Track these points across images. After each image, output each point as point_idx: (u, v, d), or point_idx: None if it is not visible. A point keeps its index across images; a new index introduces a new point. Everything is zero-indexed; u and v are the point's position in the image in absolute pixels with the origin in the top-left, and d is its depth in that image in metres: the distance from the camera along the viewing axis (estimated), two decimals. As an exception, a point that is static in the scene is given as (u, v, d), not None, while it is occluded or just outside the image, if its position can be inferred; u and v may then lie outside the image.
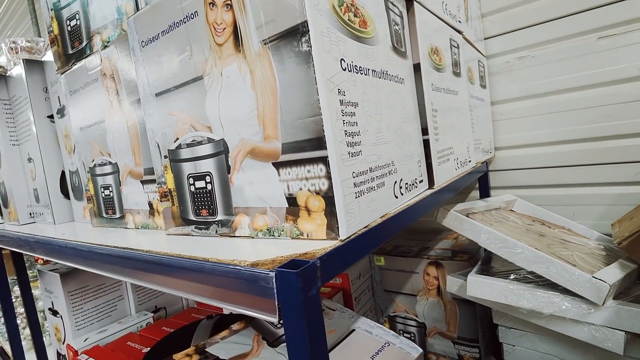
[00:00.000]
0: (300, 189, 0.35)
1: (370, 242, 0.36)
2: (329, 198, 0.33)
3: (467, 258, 0.88)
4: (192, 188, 0.45)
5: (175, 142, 0.46)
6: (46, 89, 0.80)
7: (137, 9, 0.51)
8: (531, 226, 0.77)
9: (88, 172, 0.67)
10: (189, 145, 0.45)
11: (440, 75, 0.62)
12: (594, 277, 0.54)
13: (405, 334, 0.99)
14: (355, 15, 0.39)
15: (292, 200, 0.36)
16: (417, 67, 0.55)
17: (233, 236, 0.42)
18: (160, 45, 0.44)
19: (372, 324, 0.59)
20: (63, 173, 0.82)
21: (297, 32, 0.32)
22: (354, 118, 0.36)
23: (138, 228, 0.59)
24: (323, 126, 0.32)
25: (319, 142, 0.33)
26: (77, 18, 0.61)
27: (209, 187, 0.43)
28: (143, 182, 0.56)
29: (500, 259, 0.73)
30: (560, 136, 0.95)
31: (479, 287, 0.64)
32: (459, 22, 0.77)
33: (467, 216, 0.71)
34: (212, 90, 0.41)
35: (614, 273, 0.56)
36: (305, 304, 0.27)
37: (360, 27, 0.40)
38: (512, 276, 0.63)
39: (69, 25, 0.63)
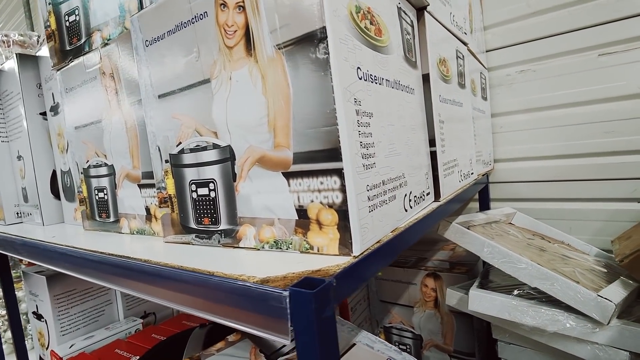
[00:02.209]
0: (312, 201, 0.34)
1: (382, 258, 0.35)
2: (342, 212, 0.32)
3: (465, 270, 0.87)
4: (194, 195, 0.43)
5: (177, 146, 0.44)
6: (40, 85, 0.78)
7: (141, 6, 0.49)
8: (532, 240, 0.77)
9: (81, 173, 0.64)
10: (192, 150, 0.43)
11: (447, 86, 0.62)
12: (599, 295, 0.53)
13: (400, 346, 0.97)
14: (371, 23, 0.38)
15: (302, 212, 0.35)
16: (425, 78, 0.54)
17: (237, 247, 0.40)
18: (166, 45, 0.43)
19: (373, 338, 0.58)
20: (54, 172, 0.79)
21: (315, 38, 0.31)
22: (368, 129, 0.35)
23: (133, 233, 0.57)
24: (339, 137, 0.31)
25: (333, 153, 0.32)
26: (77, 14, 0.59)
27: (213, 194, 0.41)
28: (140, 186, 0.54)
29: (499, 273, 0.73)
30: (559, 150, 0.95)
31: (481, 302, 0.63)
32: (465, 33, 0.77)
33: (468, 229, 0.70)
34: (220, 94, 0.39)
35: (617, 292, 0.56)
36: (320, 326, 0.25)
37: (375, 35, 0.39)
38: (515, 292, 0.62)
39: (68, 20, 0.60)
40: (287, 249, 0.36)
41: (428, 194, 0.52)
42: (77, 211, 0.75)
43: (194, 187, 0.43)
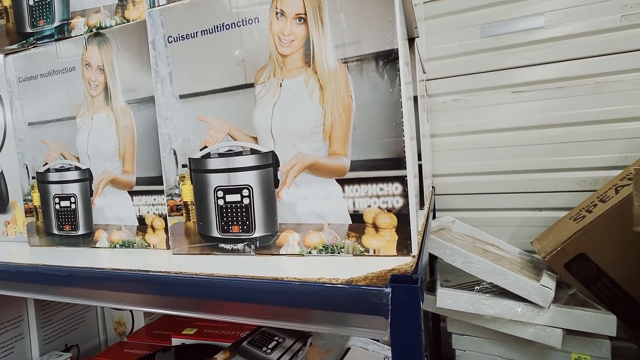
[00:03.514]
0: (369, 206, 0.36)
1: (424, 256, 0.39)
2: (402, 215, 0.35)
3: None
4: (221, 202, 0.41)
5: (201, 150, 0.42)
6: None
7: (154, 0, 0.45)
8: (475, 244, 0.90)
9: (33, 178, 0.54)
10: (221, 155, 0.41)
11: (421, 106, 0.70)
12: (541, 285, 0.66)
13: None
14: (404, 48, 0.43)
15: (357, 217, 0.37)
16: (415, 98, 0.61)
17: (276, 254, 0.40)
18: (197, 44, 0.41)
19: (364, 340, 0.61)
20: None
21: (386, 58, 0.34)
22: (416, 140, 0.39)
23: (115, 247, 0.50)
24: (404, 147, 0.34)
25: (397, 162, 0.35)
26: (47, -7, 0.51)
27: (246, 201, 0.40)
28: (133, 193, 0.48)
29: (450, 273, 0.83)
30: (484, 168, 1.13)
31: (447, 299, 0.71)
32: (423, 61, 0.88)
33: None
34: (265, 100, 0.39)
35: (550, 281, 0.70)
36: (419, 319, 0.27)
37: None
38: (476, 288, 0.72)
39: (29, -2, 0.52)
40: (338, 253, 0.37)
41: (421, 200, 0.58)
42: (9, 225, 0.62)
43: (220, 193, 0.41)
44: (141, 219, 0.48)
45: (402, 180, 0.35)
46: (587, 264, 0.78)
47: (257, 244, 0.40)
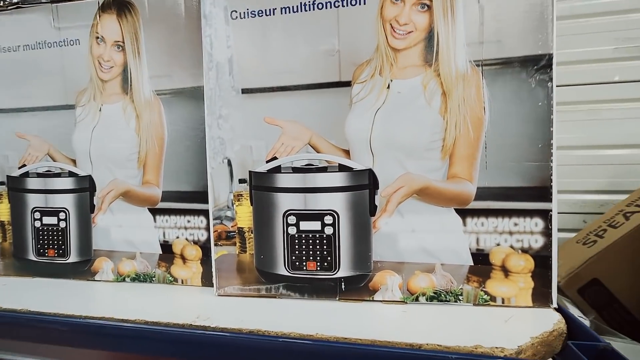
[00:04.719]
0: (498, 244, 0.29)
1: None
2: (541, 258, 0.29)
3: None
4: (292, 230, 0.32)
5: (268, 162, 0.32)
6: None
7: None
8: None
9: (1, 184, 0.40)
10: (297, 170, 0.32)
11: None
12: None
13: None
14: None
15: (481, 257, 0.30)
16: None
17: (368, 300, 0.31)
18: (275, 24, 0.31)
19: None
20: None
21: (535, 63, 0.28)
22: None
23: (123, 280, 0.38)
24: (551, 174, 0.28)
25: (541, 192, 0.28)
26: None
27: (330, 230, 0.31)
28: (157, 212, 0.37)
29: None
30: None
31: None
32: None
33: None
34: (364, 104, 0.31)
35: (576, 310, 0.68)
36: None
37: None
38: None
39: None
40: (454, 302, 0.30)
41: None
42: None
43: (293, 219, 0.32)
44: (166, 246, 0.37)
45: (545, 215, 0.28)
46: (600, 289, 0.78)
47: (343, 286, 0.31)
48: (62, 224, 0.38)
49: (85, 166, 0.38)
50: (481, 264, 0.30)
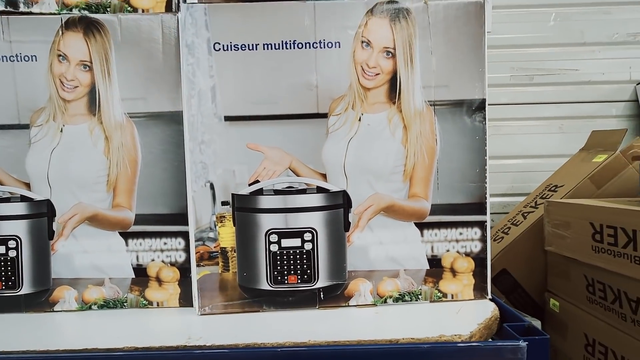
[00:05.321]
0: (448, 251, 0.36)
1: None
2: (480, 259, 0.36)
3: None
4: (274, 247, 0.35)
5: (250, 185, 0.34)
6: None
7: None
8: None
9: None
10: (279, 193, 0.35)
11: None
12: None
13: None
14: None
15: (435, 261, 0.36)
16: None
17: (344, 306, 0.35)
18: (256, 58, 0.34)
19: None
20: None
21: (473, 106, 0.35)
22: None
23: (89, 308, 0.36)
24: (486, 192, 0.35)
25: (479, 207, 0.36)
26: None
27: (310, 245, 0.35)
28: (129, 235, 0.36)
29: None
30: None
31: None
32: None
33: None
34: (339, 134, 0.35)
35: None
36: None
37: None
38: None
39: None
40: (415, 301, 0.36)
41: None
42: None
43: (274, 237, 0.35)
44: (140, 270, 0.36)
45: (482, 225, 0.36)
46: (508, 277, 0.94)
47: (322, 295, 0.35)
48: (12, 253, 0.35)
49: (42, 190, 0.35)
50: (435, 267, 0.36)
